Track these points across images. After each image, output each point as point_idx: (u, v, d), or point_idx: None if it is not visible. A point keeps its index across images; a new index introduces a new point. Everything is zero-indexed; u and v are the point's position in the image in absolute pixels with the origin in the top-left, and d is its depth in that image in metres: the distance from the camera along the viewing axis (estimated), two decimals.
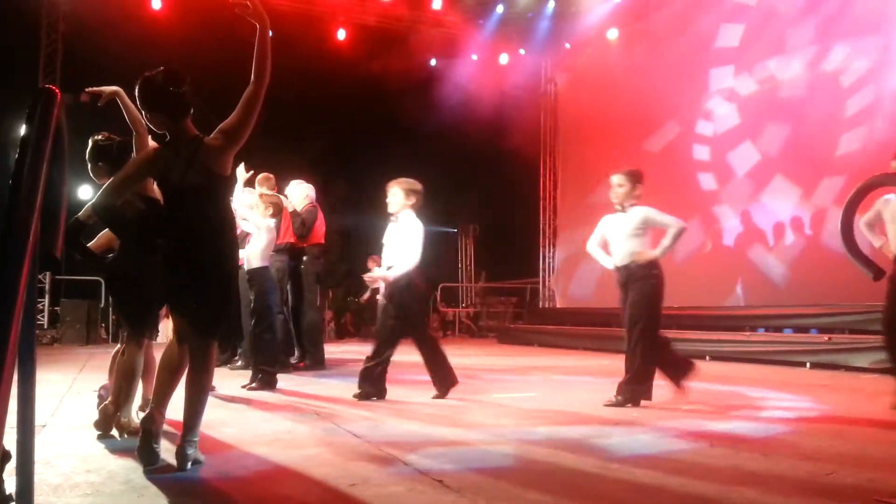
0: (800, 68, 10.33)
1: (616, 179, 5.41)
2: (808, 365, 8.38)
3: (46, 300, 13.63)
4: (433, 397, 5.67)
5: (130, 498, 2.69)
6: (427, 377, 5.87)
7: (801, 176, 10.25)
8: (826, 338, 8.44)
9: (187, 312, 3.26)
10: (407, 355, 6.22)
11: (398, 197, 5.68)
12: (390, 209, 5.72)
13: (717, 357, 9.49)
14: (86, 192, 14.62)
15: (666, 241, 5.29)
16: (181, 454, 3.14)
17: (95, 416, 4.02)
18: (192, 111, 3.25)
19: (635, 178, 5.40)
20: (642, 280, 5.27)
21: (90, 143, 4.12)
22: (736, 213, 11.22)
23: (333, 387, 6.42)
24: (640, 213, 5.32)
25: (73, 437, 3.90)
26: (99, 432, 3.92)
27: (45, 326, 13.43)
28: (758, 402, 5.54)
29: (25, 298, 1.45)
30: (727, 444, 3.78)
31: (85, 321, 12.93)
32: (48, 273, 13.66)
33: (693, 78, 12.01)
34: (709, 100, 11.82)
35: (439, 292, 18.37)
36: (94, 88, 3.86)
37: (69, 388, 6.12)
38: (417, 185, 5.77)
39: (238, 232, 5.37)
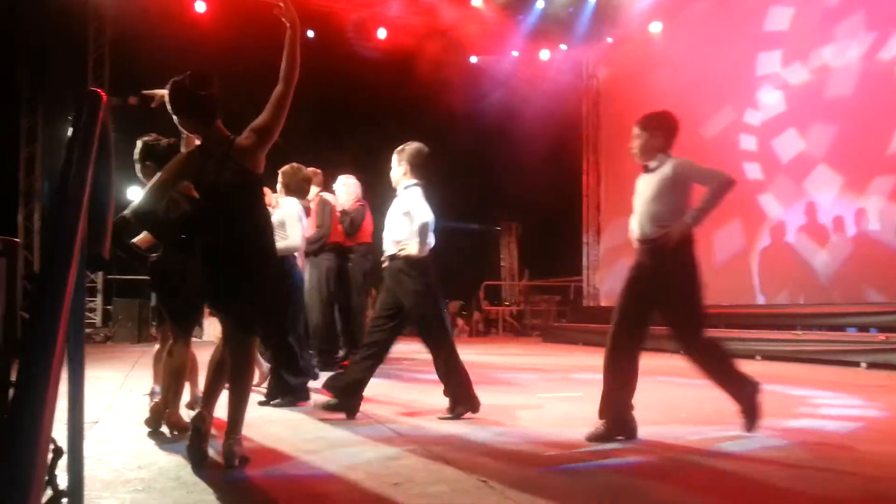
0: (853, 57, 10.01)
1: (634, 130, 4.27)
2: (863, 365, 8.13)
3: (99, 299, 13.99)
4: (440, 417, 4.61)
5: (180, 494, 2.73)
6: (474, 375, 5.81)
7: (853, 171, 9.93)
8: (882, 336, 8.17)
9: (228, 311, 3.29)
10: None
11: (400, 168, 4.79)
12: (393, 182, 4.88)
13: (768, 357, 9.27)
14: (134, 193, 14.93)
15: (704, 202, 4.03)
16: (228, 452, 3.17)
17: (146, 413, 4.11)
18: (220, 113, 3.29)
19: (654, 123, 4.19)
20: (672, 259, 4.02)
21: (139, 143, 4.22)
22: (787, 209, 10.92)
23: (377, 385, 6.43)
24: (667, 166, 4.07)
25: (125, 434, 3.98)
26: (149, 429, 4.00)
27: (99, 325, 13.79)
28: (811, 403, 5.38)
29: (73, 298, 1.47)
30: (780, 446, 3.68)
31: (136, 320, 13.22)
32: (101, 273, 14.02)
33: (739, 70, 11.74)
34: (756, 92, 11.54)
35: (482, 291, 18.34)
36: (148, 91, 3.93)
37: (121, 386, 6.26)
38: (420, 154, 4.78)
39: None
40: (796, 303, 10.48)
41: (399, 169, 4.77)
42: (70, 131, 1.52)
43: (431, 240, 4.70)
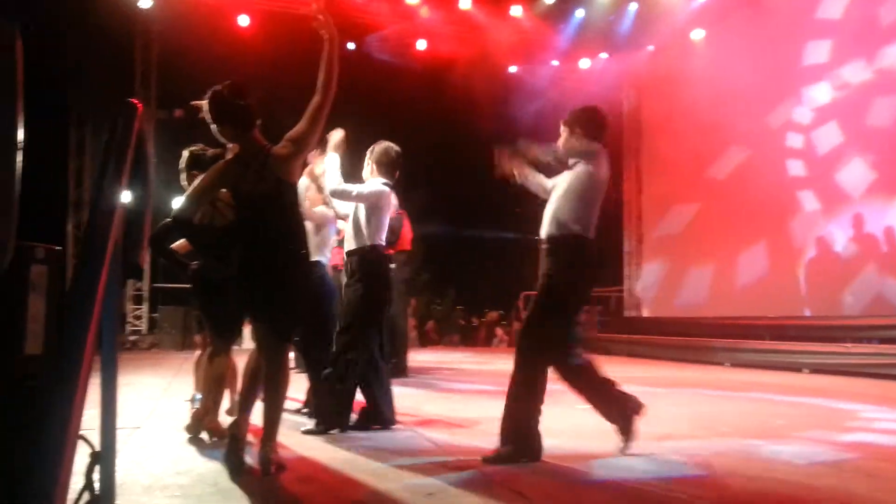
0: None
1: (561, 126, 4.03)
2: None
3: (146, 307, 14.29)
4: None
5: (216, 500, 2.76)
6: (501, 386, 5.74)
7: None
8: None
9: (263, 319, 3.32)
10: (482, 363, 6.15)
11: (367, 167, 4.68)
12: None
13: (816, 370, 9.02)
14: (178, 203, 15.20)
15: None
16: (264, 459, 3.20)
17: (187, 419, 4.16)
18: (258, 122, 3.34)
19: (572, 119, 3.96)
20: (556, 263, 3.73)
21: (185, 153, 4.30)
22: (836, 219, 10.60)
23: (414, 395, 6.44)
24: (579, 169, 3.88)
25: (166, 439, 4.03)
26: (190, 435, 4.05)
27: (144, 332, 14.07)
28: (860, 418, 5.21)
29: (105, 305, 1.49)
30: (828, 462, 3.56)
31: (181, 327, 13.46)
32: (148, 281, 14.33)
33: (783, 76, 11.51)
34: (801, 99, 11.29)
35: (521, 301, 18.23)
36: (197, 102, 3.98)
37: (164, 392, 6.36)
38: (375, 151, 4.66)
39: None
40: (844, 314, 10.18)
41: (366, 168, 4.68)
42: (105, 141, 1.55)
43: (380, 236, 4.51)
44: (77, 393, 1.05)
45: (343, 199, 4.54)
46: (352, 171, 4.65)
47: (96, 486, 1.66)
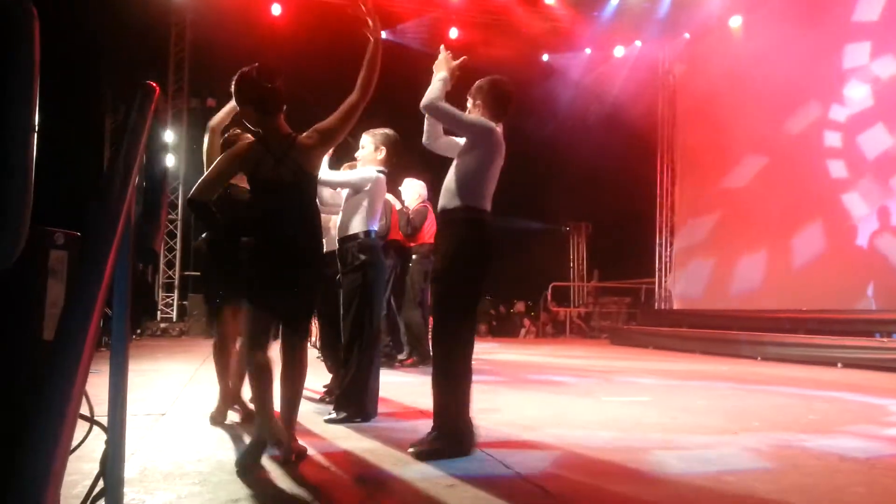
0: None
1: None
2: None
3: (176, 295, 14.48)
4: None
5: (236, 488, 2.75)
6: (538, 375, 5.69)
7: None
8: None
9: (275, 308, 3.27)
10: (507, 353, 6.10)
11: (367, 150, 4.58)
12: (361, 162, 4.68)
13: (849, 364, 8.82)
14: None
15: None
16: (285, 447, 3.18)
17: (214, 407, 4.18)
18: (284, 108, 3.28)
19: (475, 91, 3.76)
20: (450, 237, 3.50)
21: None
22: (870, 209, 10.36)
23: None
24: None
25: (189, 426, 4.06)
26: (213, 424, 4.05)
27: (174, 320, 14.26)
28: (895, 414, 5.07)
29: (119, 291, 1.47)
30: (860, 459, 3.46)
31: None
32: (178, 269, 14.51)
33: (823, 64, 11.20)
34: (841, 87, 10.99)
35: (550, 292, 18.13)
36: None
37: (190, 379, 6.42)
38: (390, 136, 4.61)
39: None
40: (879, 308, 9.94)
41: (365, 151, 4.58)
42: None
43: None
44: (75, 379, 1.03)
45: (330, 186, 4.60)
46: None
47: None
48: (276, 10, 13.26)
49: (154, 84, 1.82)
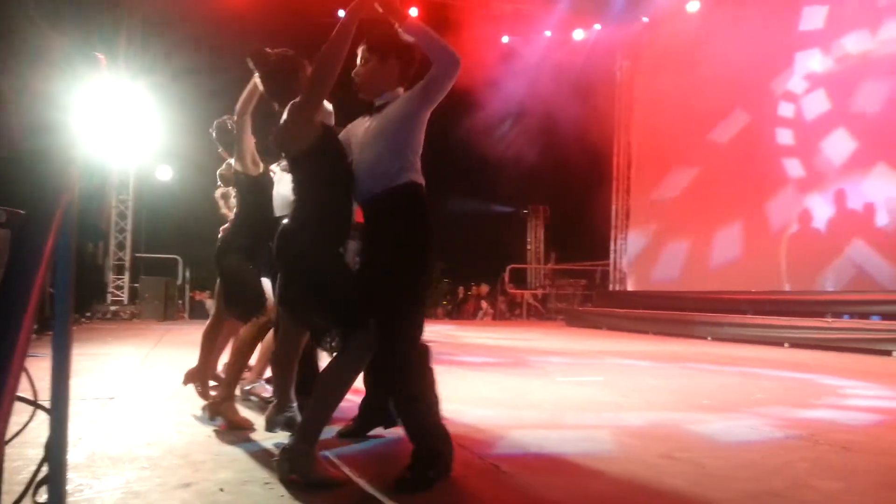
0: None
1: (362, 52, 2.99)
2: (894, 353, 7.92)
3: (127, 277, 14.17)
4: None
5: (185, 472, 2.70)
6: (487, 358, 5.74)
7: (890, 157, 9.62)
8: None
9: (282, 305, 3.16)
10: (459, 334, 6.14)
11: None
12: None
13: (796, 344, 9.08)
14: (165, 173, 15.07)
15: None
16: (271, 419, 3.17)
17: (166, 390, 4.10)
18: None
19: (391, 47, 2.93)
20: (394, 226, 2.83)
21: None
22: (824, 193, 10.63)
23: None
24: (397, 104, 2.91)
25: (139, 410, 3.98)
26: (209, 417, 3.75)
27: (126, 302, 13.97)
28: (838, 393, 5.23)
29: (61, 272, 1.42)
30: (805, 435, 3.56)
31: (163, 297, 13.35)
32: (129, 251, 14.20)
33: (777, 50, 11.43)
34: (795, 73, 11.22)
35: (507, 274, 18.25)
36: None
37: (142, 362, 6.30)
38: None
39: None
40: (825, 290, 10.25)
41: None
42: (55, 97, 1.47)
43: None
44: (11, 358, 0.99)
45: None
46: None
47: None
48: None
49: (100, 55, 1.76)
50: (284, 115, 2.86)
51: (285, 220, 2.94)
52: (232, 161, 4.02)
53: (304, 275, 2.76)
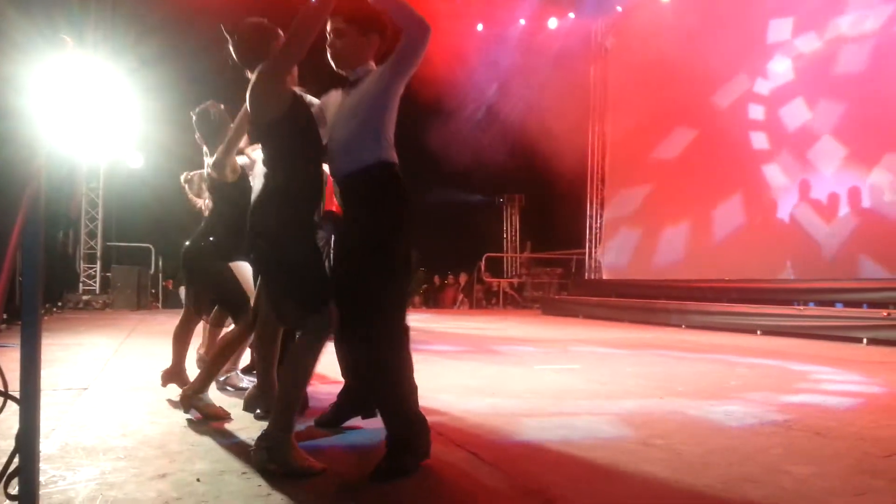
0: (868, 29, 9.78)
1: (336, 25, 2.82)
2: (864, 341, 8.06)
3: (98, 266, 13.97)
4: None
5: (162, 463, 2.67)
6: (464, 346, 5.75)
7: (859, 145, 9.77)
8: (885, 313, 8.08)
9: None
10: (435, 323, 6.13)
11: None
12: None
13: (769, 332, 9.21)
14: (136, 160, 14.84)
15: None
16: (250, 399, 3.25)
17: (140, 380, 4.05)
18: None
19: (371, 21, 2.85)
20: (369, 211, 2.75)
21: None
22: (791, 182, 10.78)
23: None
24: (371, 78, 2.81)
25: (113, 401, 3.92)
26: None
27: (97, 292, 13.77)
28: (811, 379, 5.31)
29: (28, 257, 1.38)
30: (778, 421, 3.61)
31: (136, 287, 13.19)
32: (100, 239, 13.98)
33: (750, 38, 11.51)
34: (766, 61, 11.32)
35: (483, 262, 18.27)
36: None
37: (115, 352, 6.21)
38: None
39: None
40: (798, 278, 10.40)
41: None
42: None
43: None
44: None
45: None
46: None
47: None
48: None
49: (67, 38, 1.71)
50: (252, 81, 2.77)
51: (256, 194, 2.91)
52: (206, 166, 3.96)
53: (273, 247, 2.72)
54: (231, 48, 2.93)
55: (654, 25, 13.51)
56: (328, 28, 2.84)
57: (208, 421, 3.41)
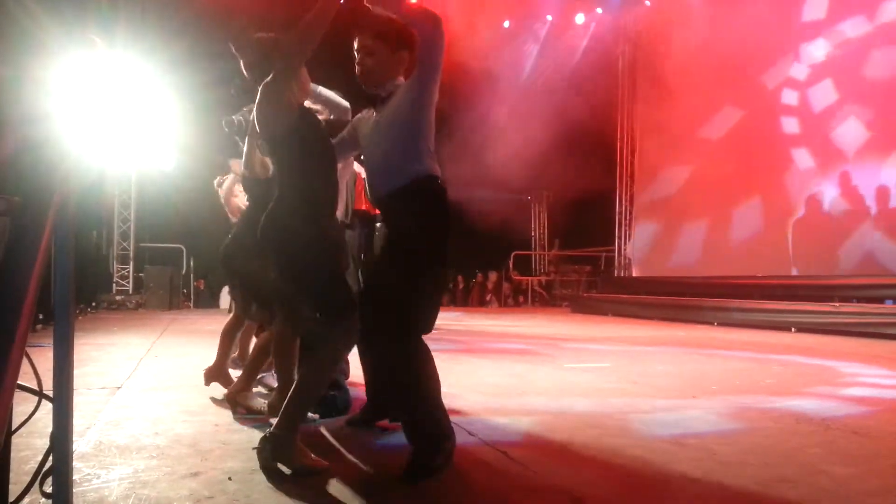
0: None
1: (364, 42, 2.78)
2: None
3: (131, 266, 14.18)
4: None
5: (194, 461, 2.69)
6: (493, 344, 5.72)
7: None
8: None
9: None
10: (464, 321, 6.10)
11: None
12: None
13: (804, 329, 9.04)
14: (167, 162, 15.02)
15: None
16: (273, 404, 3.23)
17: (172, 380, 4.09)
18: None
19: (401, 37, 2.78)
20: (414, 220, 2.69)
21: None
22: (830, 176, 10.54)
23: None
24: (401, 93, 2.74)
25: (146, 400, 3.96)
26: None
27: (130, 292, 13.98)
28: (848, 377, 5.20)
29: (61, 261, 1.39)
30: (816, 420, 3.53)
31: (168, 287, 13.37)
32: (133, 240, 14.19)
33: (782, 28, 11.31)
34: (800, 51, 11.11)
35: (511, 260, 18.21)
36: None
37: (147, 352, 6.29)
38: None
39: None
40: (834, 274, 10.19)
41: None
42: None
43: None
44: (10, 348, 0.96)
45: None
46: None
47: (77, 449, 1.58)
48: None
49: (96, 38, 1.72)
50: (258, 96, 2.75)
51: (270, 205, 2.91)
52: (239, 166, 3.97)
53: (284, 258, 2.71)
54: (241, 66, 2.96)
55: (683, 18, 13.33)
56: (356, 46, 2.80)
57: (251, 416, 3.44)
